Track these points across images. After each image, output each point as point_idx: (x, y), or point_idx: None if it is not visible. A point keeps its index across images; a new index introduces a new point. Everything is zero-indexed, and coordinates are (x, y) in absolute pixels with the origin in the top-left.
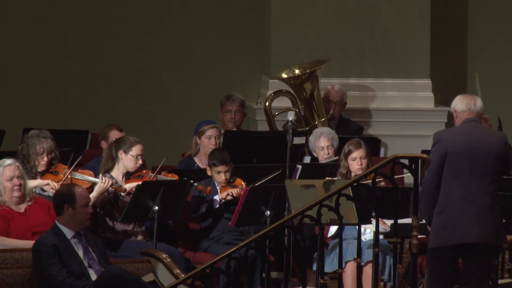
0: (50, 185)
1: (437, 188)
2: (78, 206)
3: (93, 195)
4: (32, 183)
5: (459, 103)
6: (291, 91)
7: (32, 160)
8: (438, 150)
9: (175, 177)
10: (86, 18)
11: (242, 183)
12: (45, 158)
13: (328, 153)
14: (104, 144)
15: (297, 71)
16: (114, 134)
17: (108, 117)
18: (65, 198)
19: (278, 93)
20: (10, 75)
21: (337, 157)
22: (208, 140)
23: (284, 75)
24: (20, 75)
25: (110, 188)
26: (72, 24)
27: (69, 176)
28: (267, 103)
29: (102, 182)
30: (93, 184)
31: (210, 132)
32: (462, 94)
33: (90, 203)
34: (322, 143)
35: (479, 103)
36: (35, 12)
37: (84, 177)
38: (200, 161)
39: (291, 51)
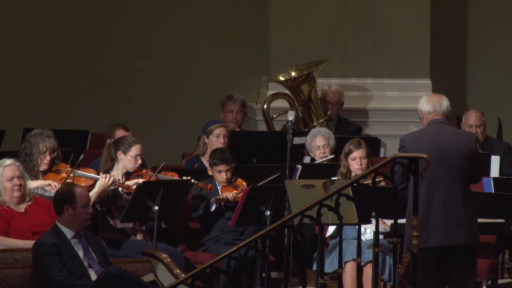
0: (51, 186)
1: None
2: (78, 206)
3: (94, 191)
4: (33, 184)
5: (425, 104)
6: (289, 93)
7: (34, 158)
8: None
9: (175, 176)
10: (87, 19)
11: (243, 183)
12: (48, 157)
13: (324, 152)
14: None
15: (293, 73)
16: (120, 134)
17: (108, 117)
18: (65, 198)
19: (276, 96)
20: (10, 75)
21: (333, 155)
22: (217, 139)
23: (281, 78)
24: (20, 75)
25: (112, 186)
26: (72, 25)
27: (72, 174)
28: (265, 106)
29: (103, 178)
30: (95, 182)
31: (219, 131)
32: (429, 94)
33: (91, 201)
34: (318, 142)
35: (445, 103)
36: (35, 12)
37: (87, 174)
38: (207, 161)
39: (291, 51)
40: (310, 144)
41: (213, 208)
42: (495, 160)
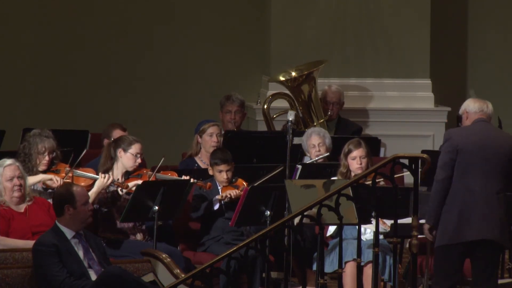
0: (53, 180)
1: (448, 186)
2: (79, 205)
3: (93, 191)
4: (35, 178)
5: (471, 105)
6: (289, 93)
7: (33, 159)
8: (449, 148)
9: (174, 175)
10: (87, 19)
11: (244, 183)
12: (47, 157)
13: (320, 151)
14: (106, 143)
15: (293, 73)
16: (118, 134)
17: (108, 117)
18: (64, 198)
19: (276, 96)
20: (10, 75)
21: (328, 153)
22: (210, 138)
23: (281, 78)
24: (20, 75)
25: (112, 186)
26: (73, 25)
27: (71, 174)
28: (265, 106)
29: (102, 177)
30: (95, 181)
31: (212, 129)
32: (474, 98)
33: (90, 200)
34: (313, 141)
35: (491, 106)
36: (36, 12)
37: (86, 174)
38: (201, 161)
39: (291, 51)
40: (306, 143)
41: (217, 206)
42: None
